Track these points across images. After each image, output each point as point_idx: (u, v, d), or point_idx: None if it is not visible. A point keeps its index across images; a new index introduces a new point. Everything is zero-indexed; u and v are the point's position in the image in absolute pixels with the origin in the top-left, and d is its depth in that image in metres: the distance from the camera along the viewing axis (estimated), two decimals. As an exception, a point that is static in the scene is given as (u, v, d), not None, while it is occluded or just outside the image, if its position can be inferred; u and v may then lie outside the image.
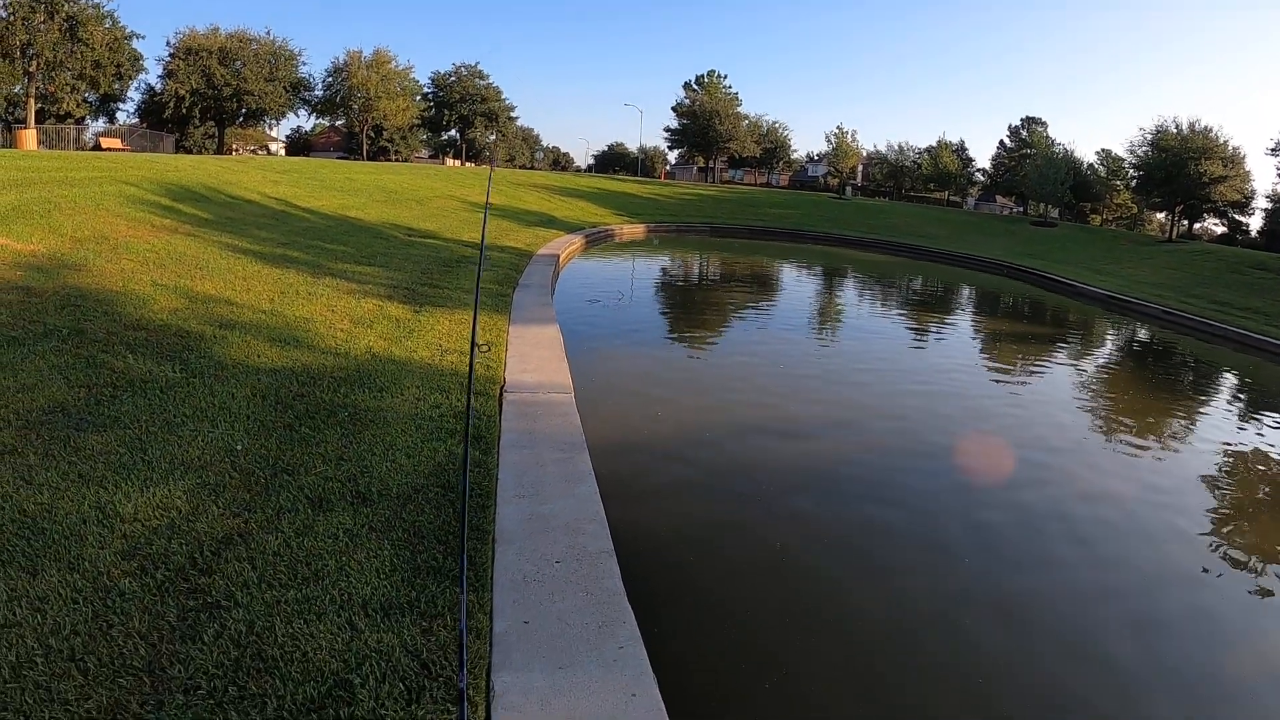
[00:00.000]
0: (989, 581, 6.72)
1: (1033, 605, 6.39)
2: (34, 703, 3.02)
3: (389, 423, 6.43)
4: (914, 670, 5.38)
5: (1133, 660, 5.73)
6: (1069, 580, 6.86)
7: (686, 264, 31.48)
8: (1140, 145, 54.22)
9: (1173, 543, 7.90)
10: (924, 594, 6.41)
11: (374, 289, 12.28)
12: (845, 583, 6.45)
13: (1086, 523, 8.06)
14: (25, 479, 4.66)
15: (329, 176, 32.54)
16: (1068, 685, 5.29)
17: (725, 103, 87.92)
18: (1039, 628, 6.04)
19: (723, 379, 12.67)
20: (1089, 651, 5.73)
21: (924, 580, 6.64)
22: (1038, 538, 7.65)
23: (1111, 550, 7.54)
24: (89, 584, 3.78)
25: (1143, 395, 14.82)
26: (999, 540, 7.58)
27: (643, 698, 3.52)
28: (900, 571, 6.75)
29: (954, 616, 6.09)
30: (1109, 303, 26.38)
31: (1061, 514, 8.19)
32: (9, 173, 15.55)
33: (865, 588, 6.41)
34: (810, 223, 48.12)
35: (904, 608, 6.19)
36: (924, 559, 7.02)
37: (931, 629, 5.90)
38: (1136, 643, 5.95)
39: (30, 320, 7.55)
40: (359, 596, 3.96)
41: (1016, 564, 7.14)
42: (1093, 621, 6.20)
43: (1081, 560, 7.25)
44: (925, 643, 5.71)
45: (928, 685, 5.22)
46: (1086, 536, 7.73)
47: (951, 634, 5.84)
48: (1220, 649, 6.05)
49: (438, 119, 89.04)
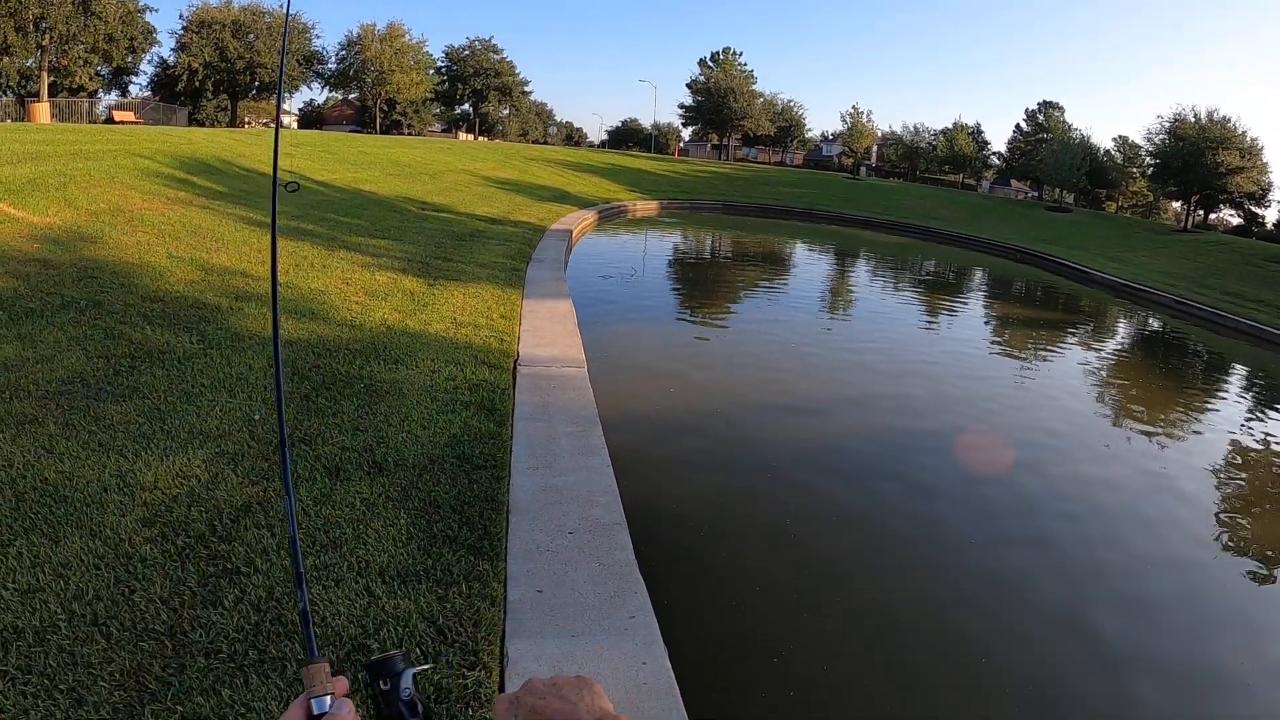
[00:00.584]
0: (989, 556, 6.77)
1: (1028, 580, 6.46)
2: (58, 666, 3.07)
3: (404, 394, 6.48)
4: (916, 643, 5.42)
5: (1124, 633, 5.77)
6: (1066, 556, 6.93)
7: (699, 241, 31.38)
8: (1158, 133, 53.71)
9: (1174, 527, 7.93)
10: (926, 567, 6.45)
11: (388, 262, 12.31)
12: (851, 556, 6.48)
13: (1081, 501, 8.14)
14: (46, 448, 4.72)
15: (342, 150, 32.52)
16: (1060, 654, 5.34)
17: (740, 80, 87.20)
18: (1034, 601, 6.10)
19: (733, 355, 12.68)
20: (1079, 621, 5.78)
21: (926, 553, 6.68)
22: (1035, 515, 7.70)
23: (1103, 530, 7.57)
24: (111, 550, 3.83)
25: (1148, 383, 14.79)
26: (1000, 517, 7.62)
27: (653, 666, 3.55)
28: (905, 545, 6.79)
29: (956, 584, 6.14)
30: (1121, 290, 26.04)
31: (1061, 493, 8.23)
32: (23, 146, 15.61)
33: (869, 561, 6.44)
34: (823, 202, 47.76)
35: (909, 582, 6.22)
36: (925, 533, 7.07)
37: (932, 599, 5.94)
38: (1128, 619, 6.01)
39: (48, 292, 7.60)
40: (376, 564, 4.01)
41: (1015, 540, 7.18)
42: (1086, 597, 6.27)
43: (1073, 536, 7.33)
44: (926, 615, 5.75)
45: (927, 658, 5.26)
46: (1076, 514, 7.81)
47: (951, 603, 5.90)
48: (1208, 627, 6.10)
49: (451, 93, 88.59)
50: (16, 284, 7.69)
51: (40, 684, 2.97)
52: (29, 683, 2.97)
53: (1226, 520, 8.18)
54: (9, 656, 3.08)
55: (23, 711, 2.83)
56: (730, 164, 79.33)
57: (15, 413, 5.10)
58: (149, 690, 3.03)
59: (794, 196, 49.66)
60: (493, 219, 21.54)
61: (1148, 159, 57.53)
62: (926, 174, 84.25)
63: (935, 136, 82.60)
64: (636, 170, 56.18)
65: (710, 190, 49.14)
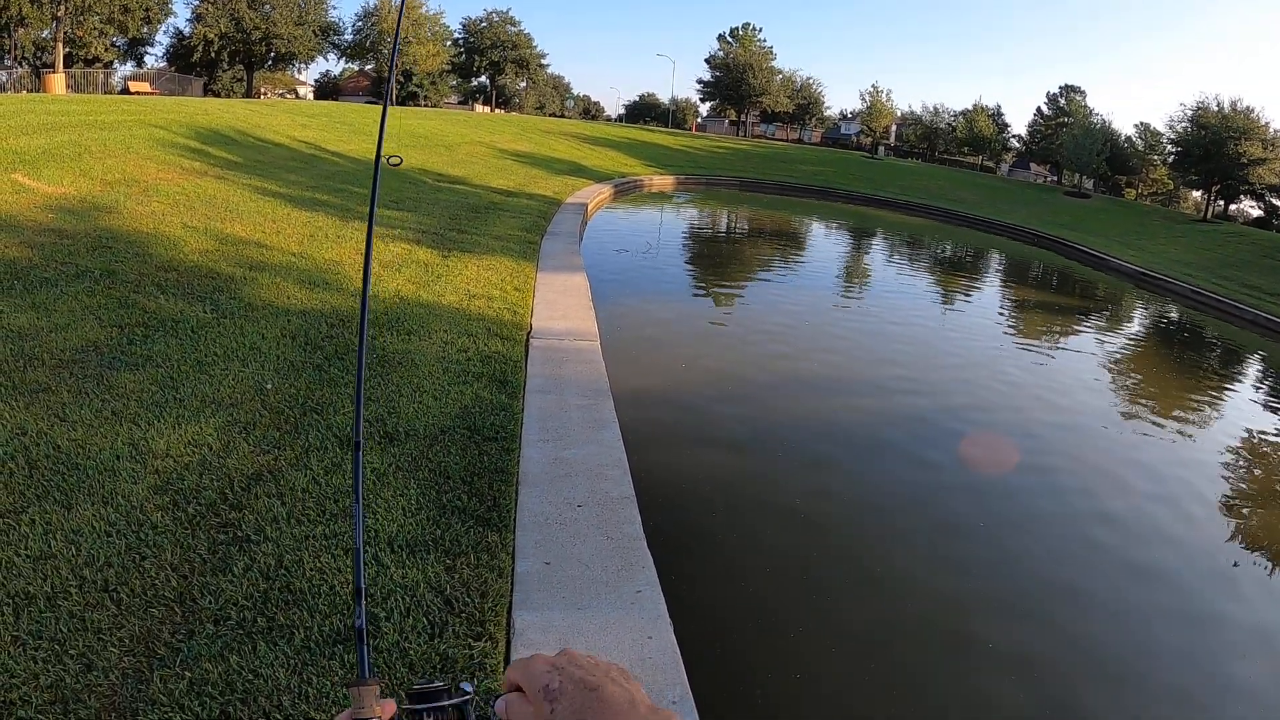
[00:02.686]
0: (995, 537, 6.77)
1: (1040, 564, 6.45)
2: (68, 631, 3.09)
3: (417, 365, 6.48)
4: (926, 627, 5.42)
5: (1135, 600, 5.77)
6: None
7: (715, 217, 31.19)
8: (1180, 121, 52.64)
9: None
10: (938, 550, 6.45)
11: (403, 233, 12.30)
12: (861, 537, 6.46)
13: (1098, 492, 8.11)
14: (59, 416, 4.74)
15: (358, 121, 32.45)
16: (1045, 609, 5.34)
17: (759, 56, 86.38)
18: (1042, 582, 6.10)
19: (747, 333, 12.61)
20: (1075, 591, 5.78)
21: (938, 536, 6.67)
22: (1053, 505, 7.67)
23: (1097, 509, 7.57)
24: (122, 518, 3.85)
25: (1160, 372, 14.67)
26: (1010, 496, 7.61)
27: (658, 640, 3.55)
28: (917, 528, 6.77)
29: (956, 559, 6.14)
30: (1138, 278, 25.56)
31: (1086, 488, 8.17)
32: (38, 117, 15.64)
33: (879, 542, 6.42)
34: (841, 181, 47.24)
35: (920, 564, 6.21)
36: (938, 516, 7.06)
37: (945, 584, 5.94)
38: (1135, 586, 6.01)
39: (62, 261, 7.63)
40: (385, 533, 4.02)
41: (1020, 520, 7.17)
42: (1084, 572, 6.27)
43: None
44: (938, 599, 5.75)
45: (936, 643, 5.26)
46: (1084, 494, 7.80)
47: (962, 585, 5.90)
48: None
49: (468, 65, 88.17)
50: (31, 253, 7.71)
51: (50, 649, 2.99)
52: (39, 647, 2.99)
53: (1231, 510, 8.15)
54: (20, 621, 3.10)
55: (33, 676, 2.85)
56: (748, 141, 78.77)
57: (29, 381, 5.12)
58: (158, 656, 3.05)
59: (811, 175, 49.19)
60: (508, 191, 21.47)
61: (1169, 147, 56.46)
62: (945, 155, 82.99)
63: (955, 118, 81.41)
64: (653, 145, 55.86)
65: (727, 167, 48.81)
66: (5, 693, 2.77)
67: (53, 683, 2.84)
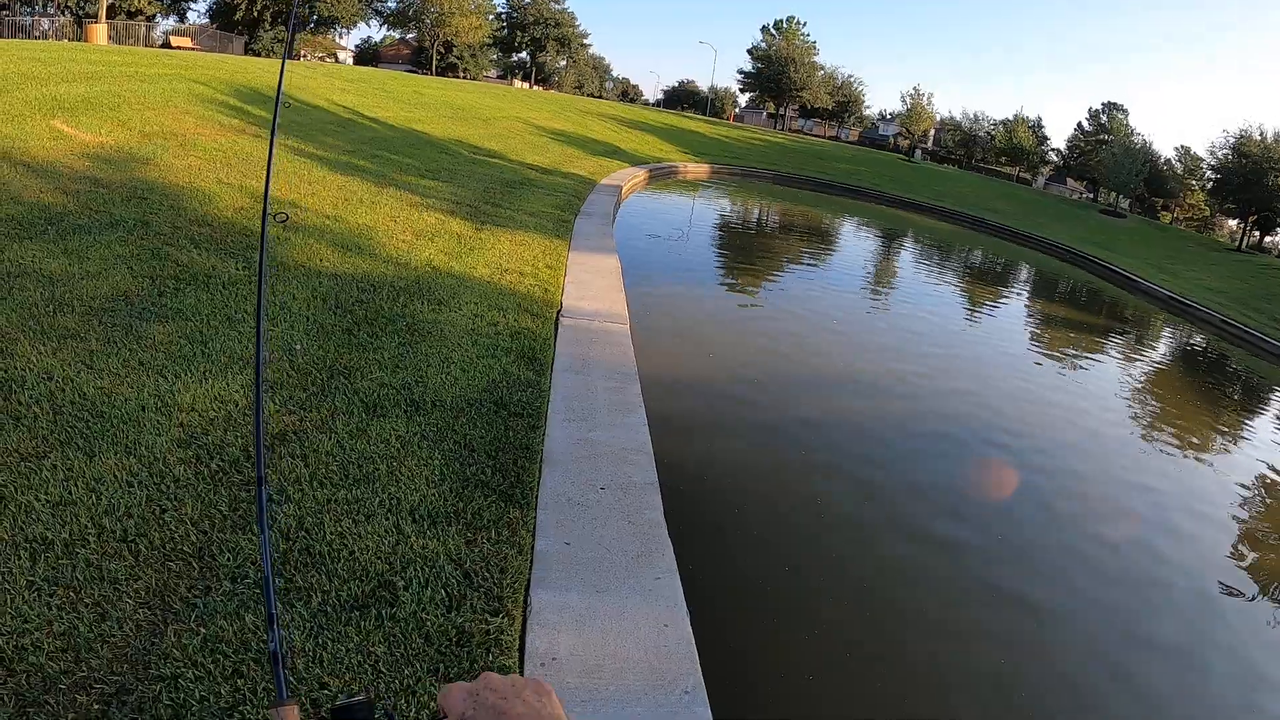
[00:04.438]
0: (1019, 540, 6.69)
1: (1058, 571, 6.37)
2: (84, 580, 3.05)
3: (446, 336, 6.42)
4: (945, 627, 5.34)
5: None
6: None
7: (748, 209, 30.94)
8: (1221, 147, 51.97)
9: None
10: (960, 552, 6.37)
11: (437, 203, 12.25)
12: (884, 538, 6.37)
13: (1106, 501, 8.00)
14: (87, 364, 4.71)
15: (397, 89, 32.44)
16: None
17: (802, 51, 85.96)
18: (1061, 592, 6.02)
19: (777, 327, 12.45)
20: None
21: (960, 538, 6.59)
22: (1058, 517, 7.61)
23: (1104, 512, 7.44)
24: (145, 469, 3.81)
25: (1182, 399, 14.45)
26: (1036, 499, 7.53)
27: (674, 630, 3.48)
28: (941, 532, 6.67)
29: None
30: (1168, 303, 24.94)
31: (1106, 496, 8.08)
32: (79, 66, 15.67)
33: (902, 544, 6.32)
34: (876, 182, 46.54)
35: (942, 567, 6.13)
36: (962, 519, 6.98)
37: (963, 586, 5.87)
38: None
39: (97, 210, 7.62)
40: (407, 502, 3.96)
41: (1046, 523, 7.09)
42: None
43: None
44: (958, 600, 5.67)
45: (956, 643, 5.19)
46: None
47: (984, 590, 5.82)
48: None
49: (509, 40, 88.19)
50: (66, 200, 7.71)
51: (65, 596, 2.95)
52: (54, 594, 2.95)
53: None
54: (36, 567, 3.06)
55: (46, 622, 2.81)
56: (785, 134, 78.34)
57: (58, 326, 5.09)
58: (173, 610, 3.00)
59: (847, 173, 48.59)
60: (544, 169, 21.39)
61: (1208, 173, 55.83)
62: (982, 163, 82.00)
63: (995, 126, 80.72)
64: (690, 132, 55.56)
65: (762, 159, 48.38)
66: (17, 638, 2.73)
67: (65, 630, 2.80)
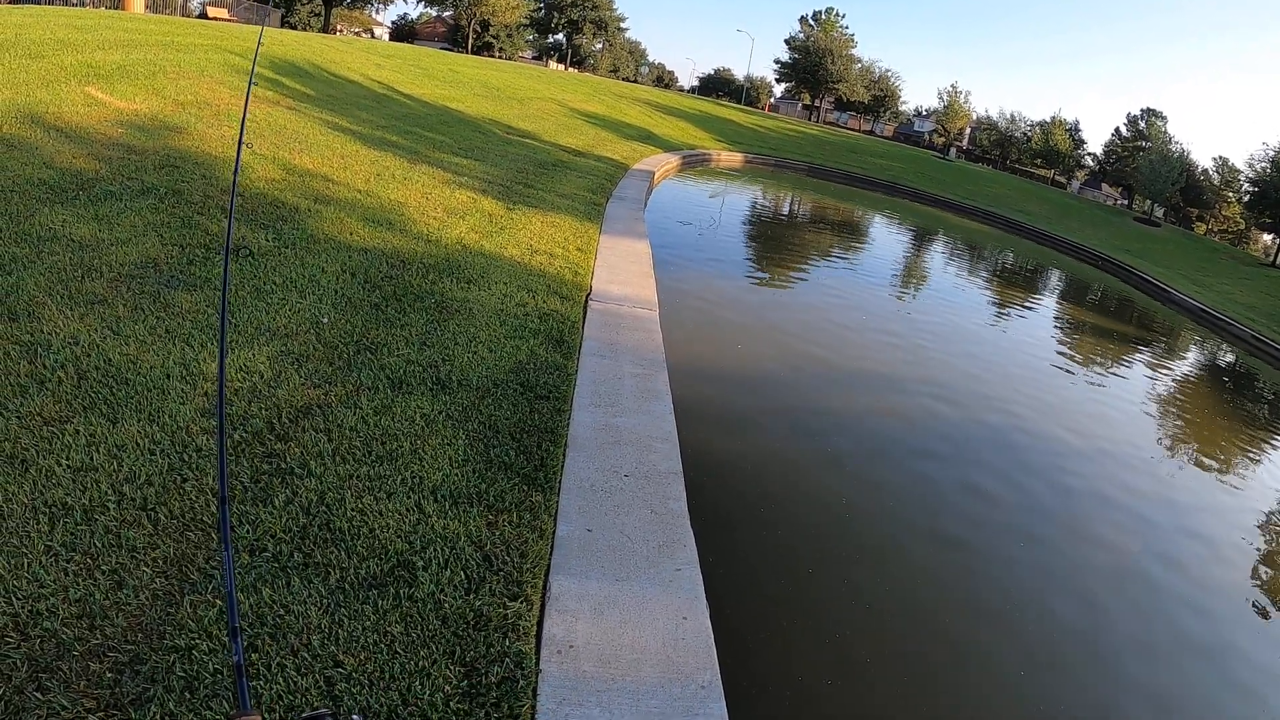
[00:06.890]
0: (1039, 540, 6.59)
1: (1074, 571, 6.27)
2: (102, 547, 3.02)
3: (474, 315, 6.36)
4: (966, 627, 5.26)
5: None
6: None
7: (781, 200, 30.65)
8: (1260, 160, 50.96)
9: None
10: (981, 549, 6.28)
11: (469, 181, 12.19)
12: (907, 534, 6.28)
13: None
14: (113, 330, 4.68)
15: (432, 66, 32.41)
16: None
17: (840, 43, 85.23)
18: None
19: (807, 321, 12.28)
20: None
21: (983, 536, 6.50)
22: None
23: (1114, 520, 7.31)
24: (167, 437, 3.78)
25: (1208, 414, 14.19)
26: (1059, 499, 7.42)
27: (693, 622, 3.41)
28: (963, 531, 6.58)
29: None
30: (1199, 315, 24.41)
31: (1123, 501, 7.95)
32: (115, 33, 15.68)
33: (926, 542, 6.23)
34: (910, 178, 45.99)
35: (963, 563, 6.05)
36: (985, 517, 6.87)
37: (984, 582, 5.79)
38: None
39: (129, 177, 7.61)
40: (430, 482, 3.91)
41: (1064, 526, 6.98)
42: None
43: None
44: (979, 597, 5.59)
45: (975, 643, 5.11)
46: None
47: (1005, 586, 5.74)
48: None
49: (546, 21, 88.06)
50: (99, 166, 7.70)
51: (83, 562, 2.92)
52: (72, 560, 2.92)
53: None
54: (55, 532, 3.03)
55: (62, 588, 2.79)
56: (819, 126, 77.78)
57: (86, 291, 5.08)
58: (190, 580, 2.97)
59: (881, 168, 48.08)
60: (577, 151, 21.30)
61: (1245, 185, 54.82)
62: (1017, 164, 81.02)
63: (1031, 128, 79.81)
64: (725, 120, 55.27)
65: (796, 150, 48.03)
66: (33, 602, 2.71)
67: (81, 596, 2.78)
